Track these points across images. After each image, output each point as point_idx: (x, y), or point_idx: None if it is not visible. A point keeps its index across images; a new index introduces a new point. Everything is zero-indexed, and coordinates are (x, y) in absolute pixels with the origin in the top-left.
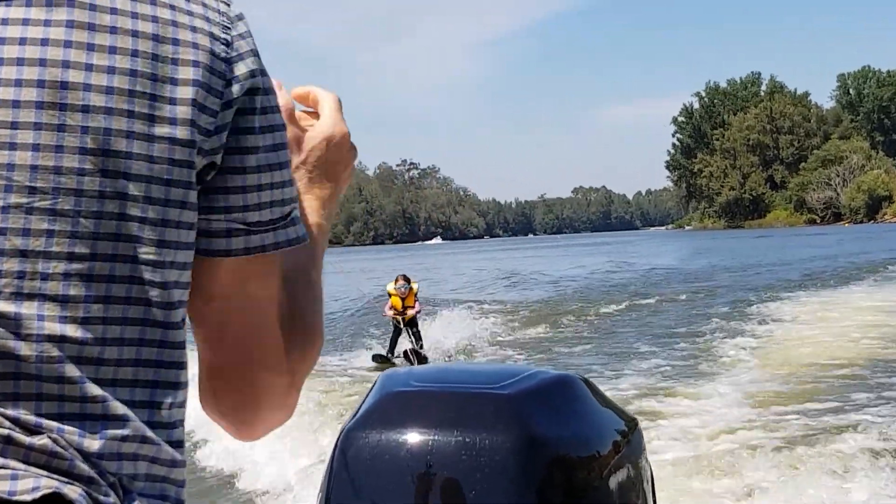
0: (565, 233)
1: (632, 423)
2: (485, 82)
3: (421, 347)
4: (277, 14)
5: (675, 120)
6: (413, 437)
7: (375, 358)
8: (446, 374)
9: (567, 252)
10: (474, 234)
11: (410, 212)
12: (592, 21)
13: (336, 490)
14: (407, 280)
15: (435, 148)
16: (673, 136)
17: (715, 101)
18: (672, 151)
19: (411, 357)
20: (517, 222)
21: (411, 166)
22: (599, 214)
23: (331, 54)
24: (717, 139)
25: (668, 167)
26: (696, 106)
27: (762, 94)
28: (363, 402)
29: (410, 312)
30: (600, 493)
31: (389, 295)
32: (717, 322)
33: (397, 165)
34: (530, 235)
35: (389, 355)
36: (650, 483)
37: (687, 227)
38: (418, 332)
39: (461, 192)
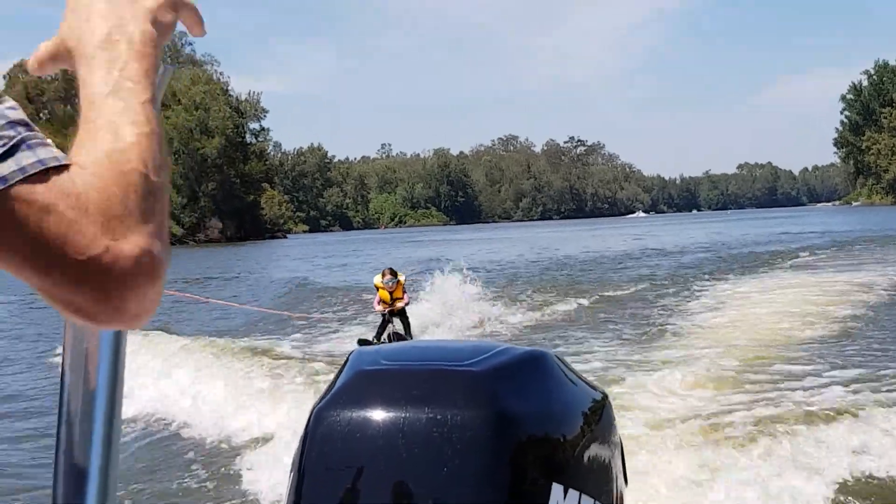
0: (730, 209)
1: (603, 397)
2: (650, 55)
3: (409, 335)
4: None
5: (843, 97)
6: (384, 415)
7: (361, 343)
8: (416, 352)
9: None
10: (640, 209)
11: (577, 188)
12: None
13: (308, 469)
14: (394, 273)
15: (600, 124)
16: (841, 113)
17: (884, 79)
18: (840, 129)
19: (394, 340)
20: (681, 198)
21: (578, 143)
22: (765, 191)
23: (496, 25)
24: (886, 117)
25: (835, 144)
26: (865, 83)
27: None
28: (334, 381)
29: (399, 305)
30: (574, 467)
31: (377, 289)
32: None
33: (564, 142)
34: (694, 211)
35: (375, 340)
36: (621, 456)
37: (854, 204)
38: (407, 321)
39: (626, 168)
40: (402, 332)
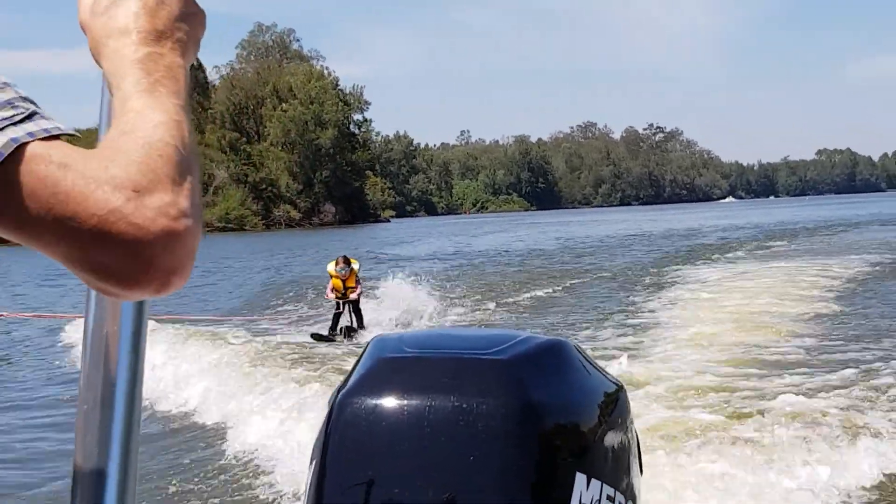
0: (809, 195)
1: (619, 386)
2: (725, 38)
3: (361, 327)
4: None
5: None
6: (408, 403)
7: (315, 336)
8: (439, 340)
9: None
10: (717, 195)
11: (656, 174)
12: None
13: (331, 457)
14: (347, 262)
15: (676, 109)
16: None
17: None
18: None
19: (347, 334)
20: (759, 184)
21: (657, 130)
22: (843, 177)
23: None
24: None
25: None
26: None
27: None
28: (354, 368)
29: (353, 295)
30: (596, 457)
31: (331, 276)
32: None
33: (643, 129)
34: (772, 198)
35: (332, 333)
36: (637, 445)
37: None
38: (360, 311)
39: (704, 155)
40: (354, 325)
